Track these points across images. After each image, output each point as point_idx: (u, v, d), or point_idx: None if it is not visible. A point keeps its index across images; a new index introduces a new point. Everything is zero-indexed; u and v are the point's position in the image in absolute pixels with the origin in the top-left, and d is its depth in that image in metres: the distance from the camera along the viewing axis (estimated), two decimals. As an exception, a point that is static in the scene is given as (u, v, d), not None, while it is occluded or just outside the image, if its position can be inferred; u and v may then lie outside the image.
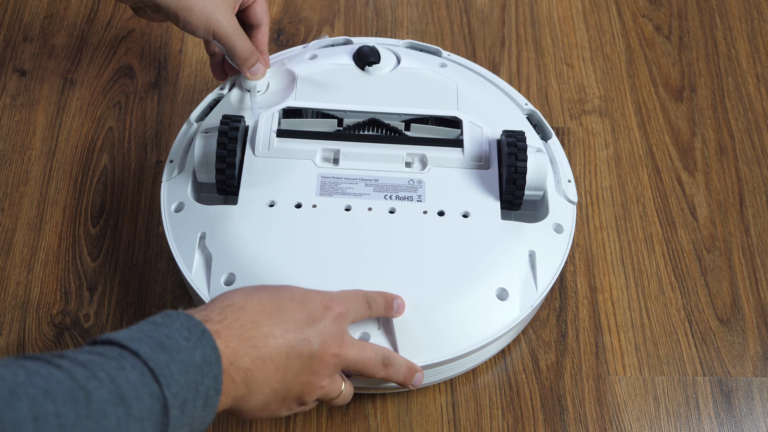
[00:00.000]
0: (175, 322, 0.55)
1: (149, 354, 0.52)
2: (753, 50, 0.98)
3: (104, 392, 0.48)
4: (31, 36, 0.97)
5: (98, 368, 0.49)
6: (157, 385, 0.51)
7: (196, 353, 0.53)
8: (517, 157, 0.75)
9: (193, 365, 0.53)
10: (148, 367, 0.51)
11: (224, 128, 0.75)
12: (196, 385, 0.53)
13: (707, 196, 0.88)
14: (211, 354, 0.54)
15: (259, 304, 0.59)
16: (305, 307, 0.61)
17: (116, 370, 0.50)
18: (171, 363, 0.52)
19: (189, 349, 0.53)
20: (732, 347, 0.79)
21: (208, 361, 0.54)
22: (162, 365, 0.52)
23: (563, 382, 0.77)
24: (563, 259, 0.76)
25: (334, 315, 0.62)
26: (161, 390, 0.51)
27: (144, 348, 0.52)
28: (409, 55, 0.86)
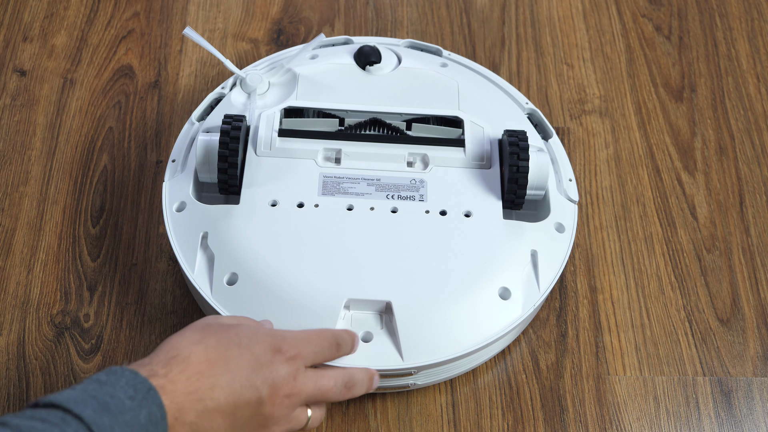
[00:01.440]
0: (120, 380, 0.54)
1: (93, 417, 0.51)
2: (753, 50, 0.99)
3: None
4: (31, 36, 0.97)
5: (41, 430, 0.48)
6: None
7: (141, 413, 0.53)
8: (519, 156, 0.75)
9: (138, 426, 0.52)
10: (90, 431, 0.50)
11: (226, 128, 0.75)
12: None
13: (707, 196, 0.88)
14: (157, 413, 0.54)
15: (204, 353, 0.58)
16: (251, 352, 0.60)
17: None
18: (115, 425, 0.51)
19: (134, 409, 0.53)
20: (732, 347, 0.79)
21: (153, 420, 0.53)
22: (106, 428, 0.51)
23: (563, 382, 0.77)
24: (565, 258, 0.76)
25: (285, 358, 0.61)
26: None
27: (87, 411, 0.51)
28: (410, 54, 0.86)
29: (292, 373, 0.61)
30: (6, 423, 0.48)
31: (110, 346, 0.77)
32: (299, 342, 0.63)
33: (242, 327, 0.62)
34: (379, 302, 0.72)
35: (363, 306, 0.72)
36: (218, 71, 0.95)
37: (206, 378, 0.57)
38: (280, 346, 0.61)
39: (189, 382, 0.56)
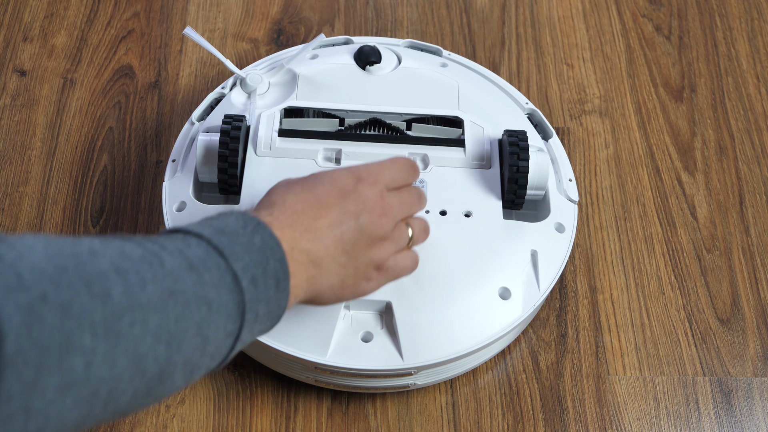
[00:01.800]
0: (229, 217, 0.58)
1: (212, 236, 0.54)
2: (753, 50, 0.99)
3: (175, 261, 0.51)
4: (31, 36, 0.97)
5: (166, 243, 0.52)
6: (223, 259, 0.53)
7: (255, 238, 0.56)
8: (519, 156, 0.75)
9: (254, 248, 0.55)
10: (212, 245, 0.54)
11: (226, 128, 0.75)
12: (262, 265, 0.55)
13: (707, 196, 0.88)
14: (270, 240, 0.57)
15: (295, 197, 0.62)
16: (335, 186, 0.63)
17: (183, 246, 0.52)
18: (233, 244, 0.55)
19: (247, 235, 0.56)
20: (732, 347, 0.79)
21: (268, 245, 0.56)
22: (225, 245, 0.54)
23: (563, 382, 0.77)
24: (565, 258, 0.76)
25: (367, 183, 0.64)
26: (228, 263, 0.53)
27: (206, 231, 0.55)
28: (410, 54, 0.86)
29: (378, 193, 0.64)
30: (131, 239, 0.51)
31: (110, 346, 0.77)
32: (375, 168, 0.66)
33: (318, 173, 0.65)
34: (379, 302, 0.72)
35: (363, 306, 0.72)
36: (218, 71, 0.95)
37: (305, 214, 0.61)
38: (359, 175, 0.65)
39: (292, 218, 0.60)
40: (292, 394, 0.75)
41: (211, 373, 0.56)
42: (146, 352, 0.47)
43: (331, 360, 0.70)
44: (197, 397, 0.75)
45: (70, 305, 0.43)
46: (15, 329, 0.40)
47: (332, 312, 0.71)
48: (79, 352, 0.43)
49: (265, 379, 0.76)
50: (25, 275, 0.42)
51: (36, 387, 0.41)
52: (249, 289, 0.54)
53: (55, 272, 0.43)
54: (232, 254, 0.54)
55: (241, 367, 0.76)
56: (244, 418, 0.74)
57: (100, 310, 0.44)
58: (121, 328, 0.45)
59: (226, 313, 0.53)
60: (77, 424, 0.45)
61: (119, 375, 0.45)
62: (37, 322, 0.41)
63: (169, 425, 0.73)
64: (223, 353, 0.54)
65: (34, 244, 0.44)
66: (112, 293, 0.45)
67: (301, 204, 0.62)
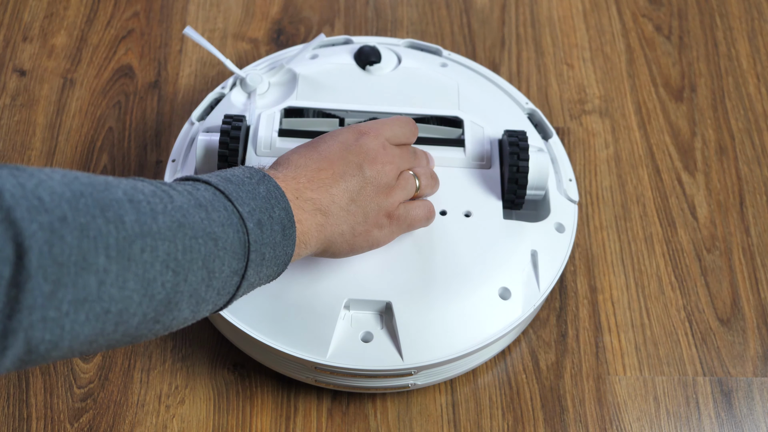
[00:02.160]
0: (236, 169, 0.61)
1: (218, 182, 0.58)
2: (753, 50, 0.99)
3: (183, 198, 0.54)
4: (31, 36, 0.97)
5: (175, 185, 0.55)
6: (230, 202, 0.56)
7: (260, 188, 0.59)
8: (519, 156, 0.75)
9: (260, 196, 0.59)
10: (219, 190, 0.57)
11: (226, 127, 0.75)
12: (268, 212, 0.58)
13: (707, 196, 0.88)
14: (275, 190, 0.60)
15: (299, 155, 0.66)
16: (338, 140, 0.67)
17: (191, 188, 0.56)
18: (239, 191, 0.58)
19: (253, 184, 0.59)
20: (732, 347, 0.79)
21: (273, 195, 0.59)
22: (231, 191, 0.57)
23: (563, 382, 0.77)
24: (565, 258, 0.76)
25: (369, 137, 0.68)
26: (234, 205, 0.56)
27: (213, 179, 0.58)
28: (410, 54, 0.86)
29: (380, 144, 0.68)
30: (142, 179, 0.54)
31: (110, 346, 0.77)
32: (376, 124, 0.70)
33: (322, 135, 0.69)
34: (379, 302, 0.72)
35: (363, 306, 0.72)
36: (218, 71, 0.95)
37: (308, 167, 0.64)
38: (360, 130, 0.68)
39: (295, 172, 0.64)
40: (292, 394, 0.75)
41: (218, 311, 0.59)
42: (155, 278, 0.50)
43: (331, 360, 0.70)
44: (197, 397, 0.75)
45: (88, 227, 0.46)
46: (38, 246, 0.44)
47: (332, 312, 0.71)
48: (94, 272, 0.46)
49: (265, 379, 0.76)
50: (45, 199, 0.45)
51: (53, 300, 0.45)
52: (254, 231, 0.57)
53: (72, 197, 0.47)
54: (238, 199, 0.57)
55: (241, 367, 0.76)
56: (244, 418, 0.74)
57: (114, 234, 0.47)
58: (133, 253, 0.48)
59: (231, 251, 0.55)
60: (91, 340, 0.48)
61: (129, 296, 0.49)
62: (58, 240, 0.45)
63: (169, 425, 0.73)
64: (229, 291, 0.57)
65: (51, 173, 0.47)
66: (125, 220, 0.49)
67: (304, 159, 0.65)
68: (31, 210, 0.44)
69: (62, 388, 0.75)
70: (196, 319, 0.57)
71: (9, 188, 0.44)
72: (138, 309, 0.50)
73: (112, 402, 0.74)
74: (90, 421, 0.73)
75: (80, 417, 0.73)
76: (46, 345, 0.45)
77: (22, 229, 0.43)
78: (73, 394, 0.75)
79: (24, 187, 0.45)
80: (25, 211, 0.44)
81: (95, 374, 0.76)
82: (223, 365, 0.77)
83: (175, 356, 0.77)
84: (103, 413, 0.74)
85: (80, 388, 0.75)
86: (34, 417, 0.73)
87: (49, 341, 0.45)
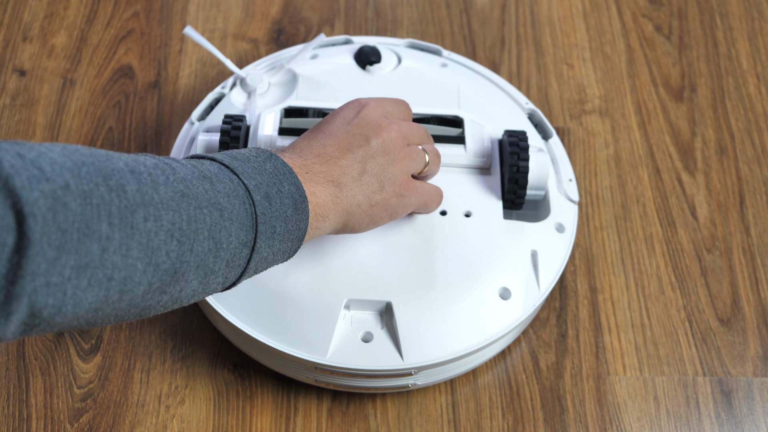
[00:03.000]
0: (242, 149, 0.61)
1: (223, 158, 0.58)
2: (753, 50, 0.99)
3: (187, 170, 0.54)
4: (30, 36, 0.97)
5: (179, 159, 0.56)
6: (236, 175, 0.57)
7: (267, 165, 0.59)
8: (519, 156, 0.75)
9: (267, 171, 0.59)
10: (225, 164, 0.57)
11: (226, 128, 0.75)
12: (276, 186, 0.58)
13: (707, 196, 0.88)
14: (282, 167, 0.60)
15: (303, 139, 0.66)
16: (339, 116, 0.68)
17: (196, 162, 0.56)
18: (245, 166, 0.58)
19: (259, 162, 0.59)
20: (732, 347, 0.79)
21: (281, 171, 0.60)
22: (236, 166, 0.57)
23: (563, 382, 0.77)
24: (565, 258, 0.76)
25: (369, 108, 0.68)
26: (240, 178, 0.57)
27: (218, 156, 0.58)
28: (410, 54, 0.86)
29: (382, 115, 0.68)
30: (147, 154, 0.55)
31: (110, 346, 0.77)
32: (376, 99, 0.70)
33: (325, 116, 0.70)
34: (379, 302, 0.72)
35: (363, 306, 0.72)
36: (218, 71, 0.95)
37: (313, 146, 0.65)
38: (361, 102, 0.69)
39: (302, 151, 0.64)
40: (292, 394, 0.75)
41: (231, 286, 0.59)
42: (159, 246, 0.50)
43: (331, 360, 0.70)
44: (197, 397, 0.75)
45: (91, 195, 0.47)
46: (41, 213, 0.44)
47: (332, 312, 0.71)
48: (96, 239, 0.47)
49: (265, 379, 0.76)
50: (46, 169, 0.46)
51: (56, 265, 0.45)
52: (262, 203, 0.57)
53: (74, 166, 0.47)
54: (243, 173, 0.57)
55: (241, 367, 0.76)
56: (244, 418, 0.74)
57: (116, 202, 0.48)
58: (135, 221, 0.49)
59: (238, 221, 0.55)
60: (96, 308, 0.49)
61: (133, 264, 0.49)
62: (62, 207, 0.45)
63: (169, 425, 0.73)
64: (240, 263, 0.57)
65: (52, 146, 0.48)
66: (127, 189, 0.49)
67: (307, 141, 0.65)
68: (32, 179, 0.44)
69: (62, 388, 0.75)
70: (207, 292, 0.57)
71: (9, 159, 0.45)
72: (143, 278, 0.50)
73: (112, 402, 0.74)
74: (90, 421, 0.73)
75: (80, 417, 0.73)
76: (49, 310, 0.46)
77: (21, 197, 0.44)
78: (73, 394, 0.75)
79: (24, 158, 0.45)
80: (26, 180, 0.44)
81: (95, 374, 0.76)
82: (223, 365, 0.77)
83: (175, 356, 0.77)
84: (103, 413, 0.74)
85: (80, 388, 0.75)
86: (34, 417, 0.73)
87: (53, 305, 0.46)
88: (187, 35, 0.80)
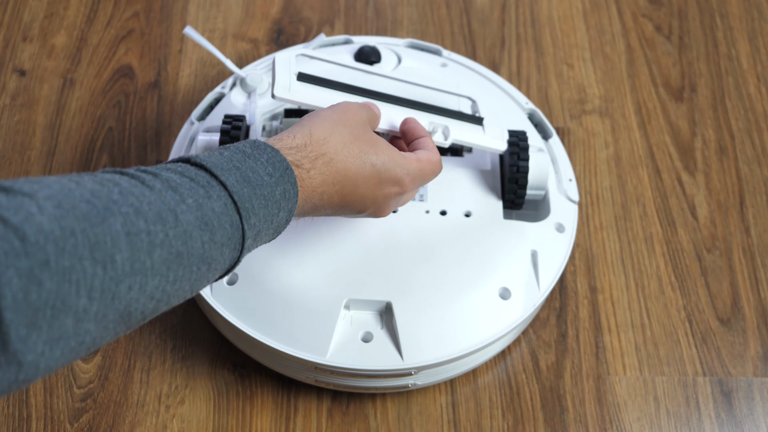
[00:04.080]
0: (262, 156, 0.58)
1: (235, 186, 0.55)
2: (753, 50, 0.99)
3: (191, 217, 0.52)
4: (30, 36, 0.97)
5: (187, 194, 0.52)
6: (239, 216, 0.55)
7: (278, 189, 0.57)
8: (519, 156, 0.75)
9: (273, 200, 0.57)
10: (233, 200, 0.55)
11: (226, 127, 0.75)
12: (271, 218, 0.57)
13: (707, 196, 0.88)
14: (290, 190, 0.59)
15: (344, 162, 0.63)
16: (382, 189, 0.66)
17: (203, 198, 0.53)
18: (253, 197, 0.56)
19: (271, 185, 0.57)
20: (732, 347, 0.79)
21: (287, 196, 0.58)
22: (245, 199, 0.55)
23: (563, 382, 0.77)
24: (565, 258, 0.76)
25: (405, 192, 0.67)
26: (241, 221, 0.55)
27: (231, 180, 0.55)
28: (410, 54, 0.86)
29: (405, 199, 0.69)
30: (158, 175, 0.52)
31: (110, 346, 0.77)
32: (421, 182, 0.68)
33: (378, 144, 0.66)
34: (379, 302, 0.72)
35: (363, 306, 0.72)
36: (218, 71, 0.95)
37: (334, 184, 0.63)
38: (404, 185, 0.67)
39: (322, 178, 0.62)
40: (292, 394, 0.75)
41: None
42: (136, 309, 0.49)
43: (331, 360, 0.70)
44: (197, 397, 0.75)
45: (71, 271, 0.44)
46: (12, 293, 0.42)
47: (332, 312, 0.71)
48: (72, 313, 0.44)
49: (265, 379, 0.76)
50: (30, 238, 0.43)
51: (27, 342, 0.43)
52: (249, 245, 0.56)
53: (61, 236, 0.44)
54: (248, 210, 0.56)
55: (241, 367, 0.76)
56: (244, 418, 0.74)
57: (100, 275, 0.45)
58: (119, 292, 0.47)
59: (219, 269, 0.55)
60: (61, 366, 0.47)
61: (106, 327, 0.47)
62: (36, 287, 0.42)
63: (169, 425, 0.73)
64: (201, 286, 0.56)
65: (45, 202, 0.45)
66: (117, 258, 0.46)
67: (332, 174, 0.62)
68: (9, 254, 0.42)
69: (62, 388, 0.75)
70: None
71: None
72: (113, 333, 0.48)
73: (112, 402, 0.74)
74: (90, 421, 0.73)
75: (80, 417, 0.73)
76: (18, 384, 0.44)
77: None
78: (73, 394, 0.75)
79: (6, 223, 0.42)
80: (2, 255, 0.41)
81: (95, 374, 0.76)
82: (223, 365, 0.77)
83: (175, 356, 0.77)
84: (103, 413, 0.74)
85: (80, 388, 0.75)
86: (34, 417, 0.73)
87: (23, 380, 0.44)
88: (187, 35, 0.80)
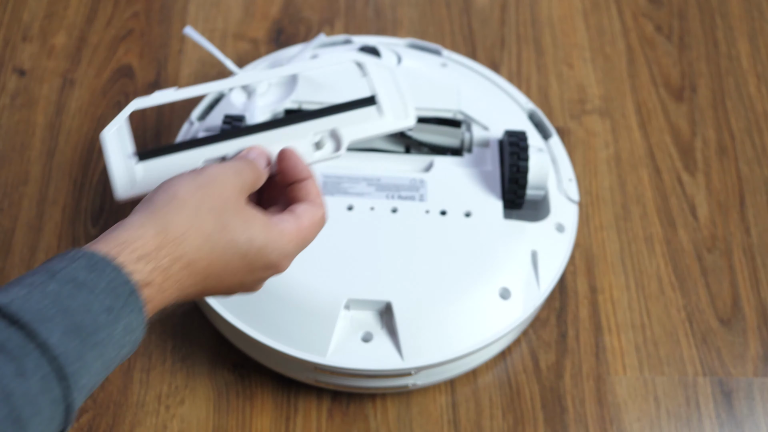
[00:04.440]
0: (100, 281, 0.47)
1: (59, 344, 0.44)
2: (753, 50, 0.98)
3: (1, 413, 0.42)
4: (30, 36, 0.97)
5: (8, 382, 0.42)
6: (62, 387, 0.44)
7: (118, 327, 0.47)
8: (519, 156, 0.75)
9: (112, 343, 0.46)
10: (55, 366, 0.44)
11: (226, 127, 0.75)
12: (110, 363, 0.47)
13: (708, 196, 0.88)
14: (135, 320, 0.48)
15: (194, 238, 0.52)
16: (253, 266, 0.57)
17: (13, 380, 0.43)
18: (85, 351, 0.45)
19: (110, 324, 0.46)
20: (732, 347, 0.79)
21: (129, 329, 0.47)
22: (73, 358, 0.45)
23: (563, 382, 0.77)
24: (565, 258, 0.76)
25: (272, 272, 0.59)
26: (67, 393, 0.45)
27: (55, 335, 0.44)
28: (410, 54, 0.86)
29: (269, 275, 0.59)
30: None
31: (110, 346, 0.77)
32: (287, 263, 0.60)
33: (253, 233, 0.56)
34: (379, 302, 0.72)
35: (363, 306, 0.72)
36: (218, 71, 0.95)
37: (200, 284, 0.53)
38: (277, 268, 0.58)
39: (181, 288, 0.51)
40: (292, 394, 0.75)
41: None
42: None
43: (331, 360, 0.70)
44: (197, 397, 0.75)
45: None
46: None
47: (332, 312, 0.71)
48: None
49: (265, 379, 0.76)
50: None
51: None
52: (77, 409, 0.46)
53: None
54: (77, 372, 0.45)
55: (241, 367, 0.76)
56: (244, 418, 0.74)
57: None
58: None
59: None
60: None
61: None
62: None
63: (169, 425, 0.73)
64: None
65: None
66: None
67: (191, 277, 0.52)
68: None
69: (62, 388, 0.75)
70: None
71: None
72: None
73: (111, 402, 0.74)
74: (90, 421, 0.73)
75: (80, 417, 0.73)
76: None
77: None
78: (73, 395, 0.74)
79: None
80: None
81: (95, 374, 0.76)
82: (223, 365, 0.77)
83: (175, 356, 0.77)
84: (103, 413, 0.74)
85: (80, 388, 0.75)
86: (34, 417, 0.73)
87: None
88: (187, 35, 0.80)
